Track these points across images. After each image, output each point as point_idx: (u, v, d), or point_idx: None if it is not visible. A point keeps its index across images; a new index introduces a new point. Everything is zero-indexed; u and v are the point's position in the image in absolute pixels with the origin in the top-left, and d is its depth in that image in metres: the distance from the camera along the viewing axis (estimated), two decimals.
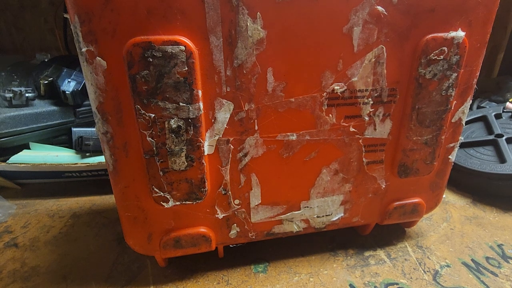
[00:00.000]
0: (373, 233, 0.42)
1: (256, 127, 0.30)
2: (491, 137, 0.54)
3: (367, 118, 0.32)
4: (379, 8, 0.27)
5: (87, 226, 0.46)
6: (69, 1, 0.23)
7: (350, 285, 0.35)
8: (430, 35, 0.29)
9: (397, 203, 0.37)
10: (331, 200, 0.35)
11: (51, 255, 0.40)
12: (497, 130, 0.55)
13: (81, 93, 0.57)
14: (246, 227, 0.34)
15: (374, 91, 0.30)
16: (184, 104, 0.26)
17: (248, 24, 0.26)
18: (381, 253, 0.40)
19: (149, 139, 0.27)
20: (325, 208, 0.36)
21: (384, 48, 0.29)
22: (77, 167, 0.51)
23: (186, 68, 0.25)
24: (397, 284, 0.35)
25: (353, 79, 0.29)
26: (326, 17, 0.27)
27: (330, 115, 0.31)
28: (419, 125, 0.32)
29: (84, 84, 0.57)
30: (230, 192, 0.32)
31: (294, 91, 0.29)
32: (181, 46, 0.25)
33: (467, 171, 0.51)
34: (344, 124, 0.31)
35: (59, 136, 0.58)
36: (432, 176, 0.37)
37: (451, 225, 0.45)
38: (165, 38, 0.24)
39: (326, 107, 0.30)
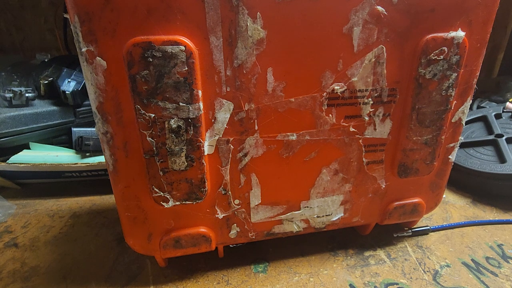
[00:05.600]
0: (373, 233, 0.42)
1: (256, 127, 0.30)
2: (491, 137, 0.54)
3: (367, 118, 0.32)
4: (379, 8, 0.27)
5: (87, 226, 0.46)
6: (69, 1, 0.23)
7: (350, 285, 0.35)
8: (430, 35, 0.29)
9: (397, 203, 0.37)
10: (331, 200, 0.35)
11: (51, 255, 0.40)
12: (497, 130, 0.55)
13: (81, 93, 0.57)
14: (246, 227, 0.34)
15: (374, 91, 0.30)
16: (184, 104, 0.26)
17: (248, 24, 0.26)
18: (381, 253, 0.40)
19: (149, 139, 0.27)
20: (325, 208, 0.36)
21: (384, 48, 0.29)
22: (77, 167, 0.51)
23: (186, 68, 0.25)
24: (397, 284, 0.35)
25: (353, 79, 0.29)
26: (326, 17, 0.27)
27: (330, 115, 0.31)
28: (419, 125, 0.32)
29: (84, 84, 0.57)
30: (230, 192, 0.32)
31: (294, 91, 0.29)
32: (181, 46, 0.25)
33: (467, 171, 0.51)
34: (344, 124, 0.31)
35: (59, 136, 0.58)
36: (432, 176, 0.37)
37: None
38: (165, 38, 0.24)
39: (326, 107, 0.30)
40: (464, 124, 0.35)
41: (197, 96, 0.26)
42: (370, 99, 0.31)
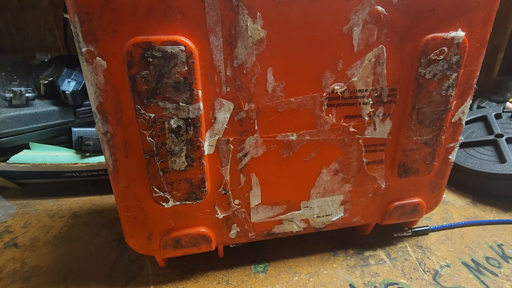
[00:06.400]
0: (373, 233, 0.42)
1: (256, 127, 0.30)
2: (491, 137, 0.54)
3: (367, 118, 0.32)
4: (379, 8, 0.27)
5: (87, 226, 0.46)
6: (69, 1, 0.23)
7: (350, 285, 0.35)
8: (430, 35, 0.29)
9: (397, 203, 0.37)
10: (331, 200, 0.35)
11: (51, 255, 0.40)
12: (497, 130, 0.55)
13: (81, 93, 0.57)
14: (246, 227, 0.34)
15: (374, 91, 0.30)
16: (184, 104, 0.26)
17: (248, 24, 0.26)
18: (381, 253, 0.40)
19: (149, 139, 0.27)
20: (325, 208, 0.36)
21: (384, 48, 0.29)
22: (77, 167, 0.51)
23: (186, 68, 0.25)
24: (397, 284, 0.35)
25: (353, 79, 0.29)
26: (326, 17, 0.27)
27: (330, 115, 0.31)
28: (419, 125, 0.32)
29: (84, 84, 0.57)
30: (230, 192, 0.32)
31: (294, 91, 0.29)
32: (181, 46, 0.25)
33: (467, 171, 0.51)
34: (344, 124, 0.31)
35: (59, 136, 0.58)
36: (432, 176, 0.37)
37: None
38: (165, 38, 0.24)
39: (326, 107, 0.30)
40: (464, 124, 0.35)
41: (197, 96, 0.26)
42: (370, 99, 0.31)
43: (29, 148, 0.54)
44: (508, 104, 0.66)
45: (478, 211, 0.48)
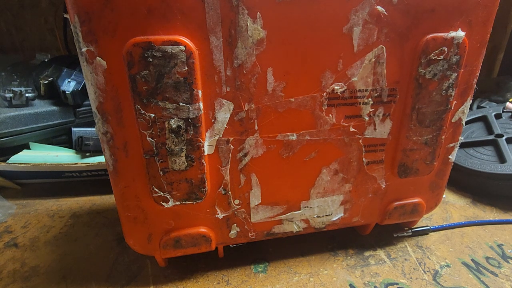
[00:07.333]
0: (373, 233, 0.42)
1: (256, 127, 0.30)
2: (491, 137, 0.54)
3: (367, 118, 0.32)
4: (379, 8, 0.27)
5: (87, 226, 0.46)
6: (69, 1, 0.23)
7: (350, 285, 0.35)
8: (430, 35, 0.29)
9: (397, 203, 0.37)
10: (331, 200, 0.35)
11: (51, 255, 0.40)
12: (497, 130, 0.55)
13: (81, 93, 0.57)
14: (246, 227, 0.34)
15: (374, 91, 0.30)
16: (184, 104, 0.26)
17: (248, 24, 0.26)
18: (381, 253, 0.40)
19: (149, 139, 0.27)
20: (325, 208, 0.36)
21: (384, 48, 0.29)
22: (77, 167, 0.51)
23: (186, 68, 0.25)
24: (397, 284, 0.35)
25: (353, 79, 0.29)
26: (326, 17, 0.27)
27: (330, 115, 0.31)
28: (419, 125, 0.32)
29: (84, 84, 0.57)
30: (230, 192, 0.32)
31: (294, 91, 0.29)
32: (181, 46, 0.25)
33: (467, 171, 0.51)
34: (344, 124, 0.31)
35: (59, 136, 0.58)
36: (432, 176, 0.37)
37: None
38: (165, 38, 0.24)
39: (326, 107, 0.30)
40: (464, 124, 0.35)
41: (197, 96, 0.26)
42: (370, 99, 0.31)
43: (29, 148, 0.54)
44: (508, 104, 0.66)
45: (478, 211, 0.48)
